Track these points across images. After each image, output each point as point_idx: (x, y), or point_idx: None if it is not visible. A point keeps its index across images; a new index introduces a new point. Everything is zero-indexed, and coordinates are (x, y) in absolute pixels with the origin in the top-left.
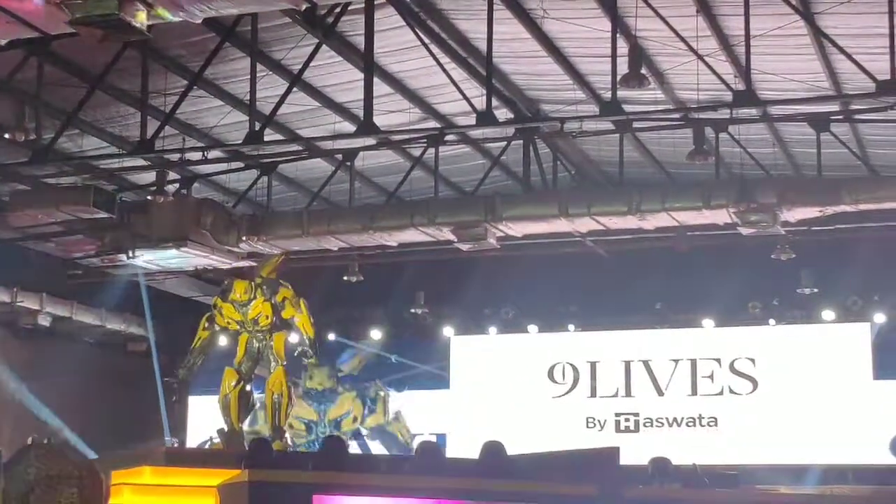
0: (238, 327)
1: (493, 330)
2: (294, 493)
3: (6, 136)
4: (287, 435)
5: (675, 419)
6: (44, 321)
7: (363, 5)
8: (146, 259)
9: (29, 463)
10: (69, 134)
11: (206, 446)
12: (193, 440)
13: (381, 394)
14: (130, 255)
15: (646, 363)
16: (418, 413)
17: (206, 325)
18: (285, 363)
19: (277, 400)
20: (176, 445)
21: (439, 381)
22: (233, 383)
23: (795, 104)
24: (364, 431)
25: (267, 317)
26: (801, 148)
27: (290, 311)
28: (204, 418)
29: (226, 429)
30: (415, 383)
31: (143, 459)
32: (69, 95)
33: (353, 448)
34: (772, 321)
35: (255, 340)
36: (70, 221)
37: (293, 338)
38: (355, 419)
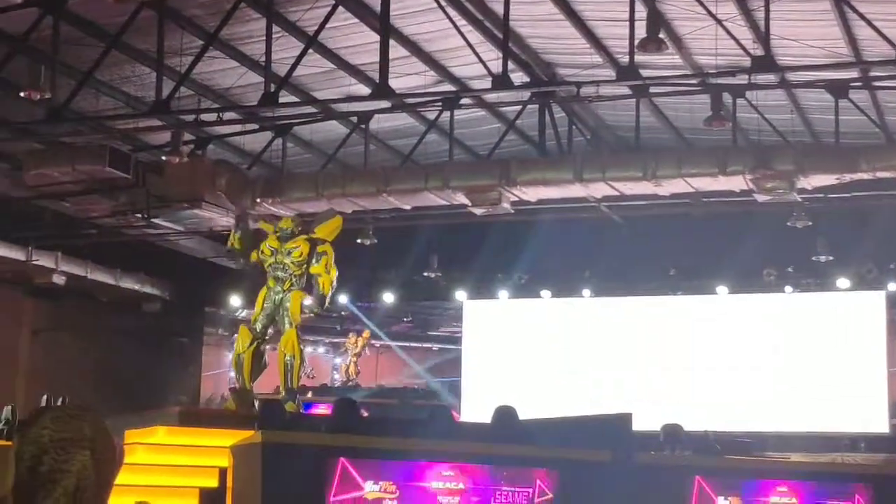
0: (269, 257)
1: (505, 294)
2: (307, 454)
3: (22, 94)
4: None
5: (687, 386)
6: (59, 280)
7: None
8: (161, 219)
9: (44, 425)
10: (84, 93)
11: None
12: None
13: None
14: (145, 214)
15: (659, 329)
16: None
17: (238, 236)
18: (298, 324)
19: (290, 361)
20: (188, 405)
21: None
22: (247, 343)
23: (814, 70)
24: None
25: (301, 253)
26: (819, 115)
27: (319, 269)
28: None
29: (238, 388)
30: None
31: (156, 419)
32: (85, 55)
33: None
34: (788, 288)
35: (273, 294)
36: (85, 181)
37: (307, 300)
38: None
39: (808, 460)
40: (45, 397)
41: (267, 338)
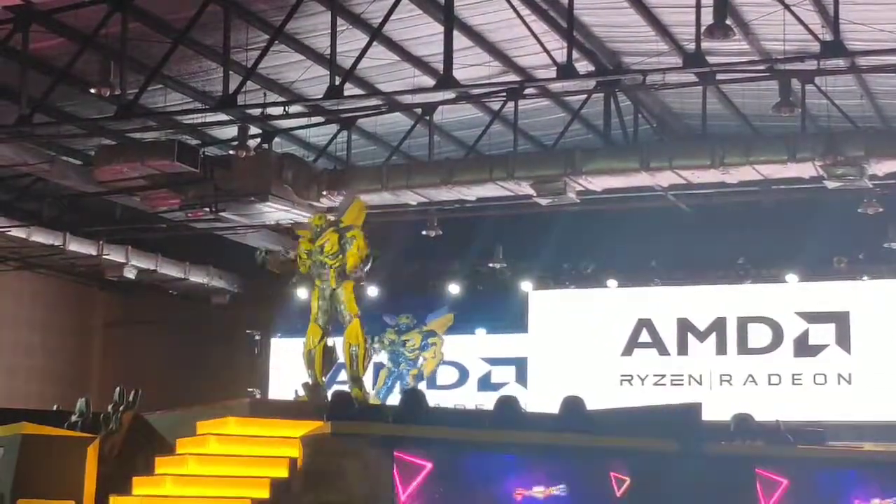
0: (307, 259)
1: (571, 284)
2: (375, 444)
3: (92, 91)
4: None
5: (758, 375)
6: (129, 274)
7: None
8: (228, 212)
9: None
10: (153, 89)
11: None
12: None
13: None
14: (213, 208)
15: (728, 318)
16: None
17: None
18: (360, 314)
19: (354, 351)
20: (258, 396)
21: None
22: (317, 339)
23: (885, 55)
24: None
25: (332, 245)
26: (890, 100)
27: (352, 253)
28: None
29: (310, 382)
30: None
31: (227, 410)
32: (153, 51)
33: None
34: (865, 277)
35: (323, 291)
36: (154, 175)
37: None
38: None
39: (881, 450)
40: (118, 389)
41: (329, 333)
